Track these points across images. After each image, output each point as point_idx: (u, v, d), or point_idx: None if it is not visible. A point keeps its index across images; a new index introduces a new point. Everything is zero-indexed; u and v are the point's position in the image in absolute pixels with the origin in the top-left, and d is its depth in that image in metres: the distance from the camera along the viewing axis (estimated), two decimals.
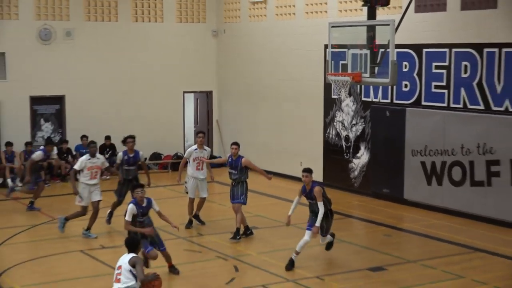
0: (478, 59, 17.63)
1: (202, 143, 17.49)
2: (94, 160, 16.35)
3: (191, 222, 17.37)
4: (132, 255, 10.22)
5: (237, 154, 16.36)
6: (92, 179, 16.28)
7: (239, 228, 16.20)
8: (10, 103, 23.44)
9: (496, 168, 17.11)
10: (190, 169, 17.36)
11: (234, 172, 16.35)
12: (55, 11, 23.99)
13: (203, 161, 17.31)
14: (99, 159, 16.61)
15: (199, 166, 17.32)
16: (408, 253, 15.20)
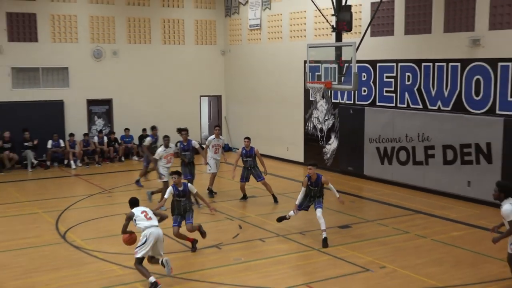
0: (417, 71, 17.58)
1: (218, 133, 17.47)
2: (168, 150, 16.24)
3: (211, 192, 17.19)
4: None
5: (249, 146, 16.34)
6: (168, 163, 16.12)
7: (274, 194, 16.51)
8: (72, 104, 23.34)
9: (432, 152, 17.08)
10: (210, 153, 17.28)
11: (249, 160, 16.31)
12: (105, 36, 23.87)
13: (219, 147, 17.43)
14: (171, 148, 16.46)
15: (217, 151, 17.31)
16: (367, 214, 15.16)
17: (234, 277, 10.69)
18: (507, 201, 9.46)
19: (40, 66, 22.75)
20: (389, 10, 18.37)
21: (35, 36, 22.60)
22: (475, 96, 16.13)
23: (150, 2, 24.60)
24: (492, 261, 11.50)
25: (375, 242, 12.72)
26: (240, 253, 12.02)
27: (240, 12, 25.13)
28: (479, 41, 15.86)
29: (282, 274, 10.85)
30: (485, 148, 15.65)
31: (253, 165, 16.42)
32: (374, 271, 10.94)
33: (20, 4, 22.20)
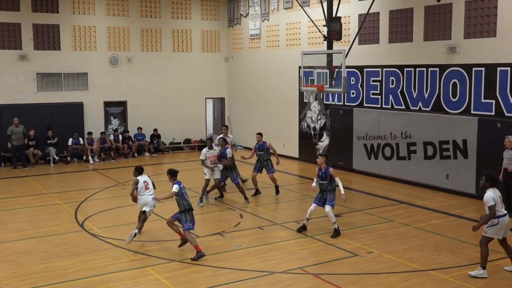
0: (400, 75, 17.46)
1: (226, 133, 16.85)
2: (211, 152, 15.34)
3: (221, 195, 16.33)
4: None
5: (262, 140, 15.86)
6: (211, 164, 15.27)
7: (277, 185, 16.03)
8: (91, 105, 23.20)
9: (414, 148, 16.94)
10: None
11: (262, 154, 15.77)
12: (120, 45, 23.74)
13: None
14: (215, 150, 15.47)
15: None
16: (355, 204, 15.01)
17: (235, 261, 10.56)
18: (490, 189, 9.54)
19: (62, 71, 22.62)
20: (374, 21, 18.24)
21: (58, 45, 22.48)
22: (452, 97, 16.00)
23: (161, 14, 24.47)
24: (468, 246, 11.38)
25: (363, 230, 12.58)
26: (241, 240, 11.88)
27: (242, 23, 24.98)
28: (456, 49, 15.76)
29: (279, 259, 10.71)
30: (462, 144, 15.52)
31: (266, 158, 15.84)
32: (362, 256, 10.81)
33: (45, 17, 22.08)
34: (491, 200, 9.42)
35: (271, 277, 9.81)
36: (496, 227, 9.53)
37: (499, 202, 9.52)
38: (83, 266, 10.37)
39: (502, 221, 9.53)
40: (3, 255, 11.03)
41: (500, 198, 9.59)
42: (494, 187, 9.59)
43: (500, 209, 9.51)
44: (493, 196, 9.45)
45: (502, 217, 9.53)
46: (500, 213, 9.49)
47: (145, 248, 11.38)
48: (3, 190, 17.16)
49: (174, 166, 15.86)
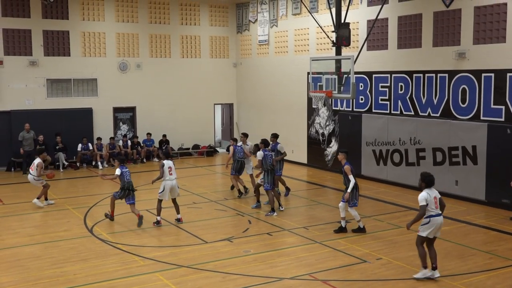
0: (409, 81, 17.41)
1: (245, 141, 17.01)
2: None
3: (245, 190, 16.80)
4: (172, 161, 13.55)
5: (275, 142, 16.05)
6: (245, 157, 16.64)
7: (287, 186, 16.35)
8: (100, 111, 23.31)
9: (423, 154, 16.87)
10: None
11: (273, 154, 15.54)
12: (130, 51, 23.84)
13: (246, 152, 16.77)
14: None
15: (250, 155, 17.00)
16: (364, 211, 14.91)
17: (243, 267, 10.54)
18: (426, 190, 9.85)
19: (72, 77, 22.73)
20: (383, 27, 18.22)
21: (68, 51, 22.60)
22: (461, 103, 15.93)
23: (170, 20, 24.56)
24: (478, 253, 11.31)
25: (372, 236, 12.53)
26: (249, 246, 11.85)
27: (250, 29, 25.02)
28: (465, 54, 15.70)
29: (287, 265, 10.68)
30: (471, 150, 15.44)
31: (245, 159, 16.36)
32: (371, 262, 10.76)
33: (55, 23, 22.22)
34: (423, 200, 9.70)
35: (279, 283, 9.79)
36: (428, 226, 9.75)
37: (433, 202, 9.74)
38: (92, 271, 10.38)
39: (434, 220, 9.72)
40: (12, 260, 11.07)
41: (435, 198, 9.80)
42: (430, 187, 9.85)
43: (433, 209, 9.73)
44: (426, 196, 9.72)
45: (435, 216, 9.74)
46: (433, 212, 9.72)
47: (154, 253, 11.38)
48: (12, 195, 17.24)
49: (183, 172, 15.99)
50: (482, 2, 15.21)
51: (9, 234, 12.93)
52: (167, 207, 14.35)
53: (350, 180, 12.47)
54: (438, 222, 9.77)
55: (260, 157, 14.66)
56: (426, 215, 9.74)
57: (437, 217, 9.75)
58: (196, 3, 25.06)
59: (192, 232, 12.89)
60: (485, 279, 9.88)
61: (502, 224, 13.48)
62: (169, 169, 13.26)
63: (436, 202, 9.82)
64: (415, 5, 17.16)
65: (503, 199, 14.69)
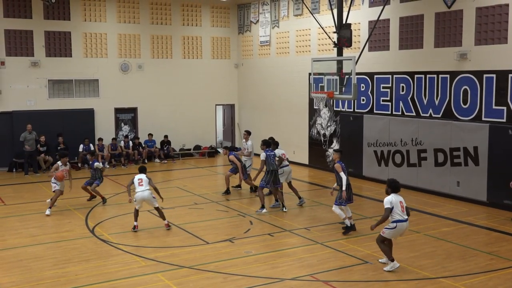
0: (411, 82, 17.42)
1: (248, 138, 17.38)
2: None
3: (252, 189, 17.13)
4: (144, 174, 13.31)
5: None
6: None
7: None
8: (102, 112, 23.36)
9: (424, 155, 16.88)
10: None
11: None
12: (131, 52, 23.90)
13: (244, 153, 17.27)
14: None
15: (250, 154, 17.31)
16: (365, 211, 14.98)
17: (245, 268, 10.55)
18: (392, 195, 10.27)
19: (73, 78, 22.78)
20: (385, 28, 18.23)
21: (69, 51, 22.65)
22: (463, 104, 15.94)
23: (172, 21, 24.60)
24: (480, 254, 11.31)
25: (373, 237, 12.45)
26: (250, 247, 11.87)
27: (252, 30, 25.05)
28: (466, 55, 15.71)
29: (288, 266, 10.70)
30: (473, 151, 15.44)
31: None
32: (372, 263, 10.78)
33: (56, 24, 22.28)
34: (387, 203, 10.14)
35: (280, 284, 9.80)
36: (393, 230, 10.20)
37: (399, 206, 10.13)
38: (93, 271, 10.41)
39: (400, 225, 10.16)
40: (14, 261, 11.10)
41: (401, 203, 10.18)
42: (396, 193, 10.28)
43: (400, 213, 10.11)
44: (391, 200, 10.14)
45: (401, 222, 10.15)
46: (399, 217, 10.12)
47: (155, 254, 11.40)
48: (14, 195, 17.27)
49: (184, 173, 15.98)
50: (484, 3, 15.22)
51: (11, 235, 12.96)
52: (167, 207, 14.38)
53: (342, 177, 12.67)
54: (404, 228, 10.25)
55: (263, 158, 14.69)
56: (394, 220, 10.14)
57: (403, 223, 10.18)
58: (197, 4, 25.09)
59: (193, 232, 12.91)
60: (486, 280, 9.89)
61: (504, 225, 13.48)
62: (139, 180, 13.12)
63: (402, 206, 10.17)
64: (416, 6, 17.17)
65: (504, 200, 14.70)
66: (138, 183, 13.08)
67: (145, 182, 13.08)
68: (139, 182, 13.07)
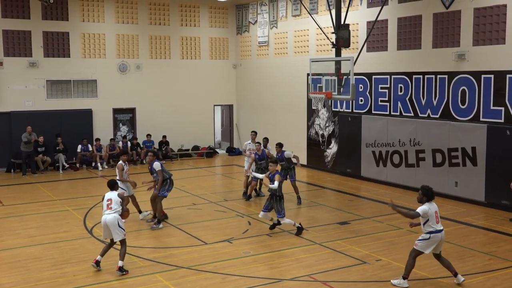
0: (409, 82, 17.44)
1: (254, 138, 16.75)
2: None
3: (246, 193, 16.47)
4: (117, 192, 10.90)
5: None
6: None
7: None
8: (100, 112, 23.33)
9: (422, 155, 16.90)
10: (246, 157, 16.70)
11: (283, 163, 15.51)
12: (129, 52, 23.88)
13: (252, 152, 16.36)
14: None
15: (251, 154, 16.39)
16: (364, 212, 14.98)
17: (243, 268, 10.56)
18: (427, 203, 9.53)
19: (72, 78, 22.76)
20: (383, 28, 18.25)
21: (67, 52, 22.64)
22: (461, 105, 15.96)
23: (170, 22, 24.60)
24: (477, 254, 11.34)
25: (371, 237, 12.55)
26: (249, 247, 11.88)
27: (250, 30, 25.06)
28: (464, 56, 15.73)
29: (287, 266, 10.71)
30: (471, 152, 15.46)
31: (289, 167, 15.71)
32: (370, 264, 10.79)
33: (55, 24, 22.26)
34: (422, 213, 9.39)
35: (279, 284, 9.81)
36: (427, 242, 9.47)
37: (434, 217, 9.42)
38: (92, 272, 10.40)
39: (434, 237, 9.44)
40: (12, 261, 11.09)
41: (436, 213, 9.48)
42: (430, 201, 9.54)
43: (434, 224, 9.42)
44: (427, 211, 9.42)
45: (435, 233, 9.44)
46: (432, 229, 9.42)
47: (153, 254, 11.41)
48: (13, 196, 17.25)
49: (182, 173, 15.95)
50: (482, 4, 15.24)
51: (9, 235, 12.95)
52: (166, 208, 14.36)
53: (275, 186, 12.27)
54: (438, 239, 9.51)
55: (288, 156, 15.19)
56: (427, 231, 9.46)
57: (437, 234, 9.47)
58: (196, 4, 25.10)
59: (191, 233, 12.92)
60: (484, 280, 9.91)
61: (502, 225, 13.50)
62: (109, 201, 10.66)
63: (437, 217, 9.50)
64: (414, 7, 17.19)
65: (502, 200, 14.72)
66: (106, 207, 10.64)
67: (116, 203, 10.61)
68: (108, 204, 10.62)
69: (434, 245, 9.51)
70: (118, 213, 10.49)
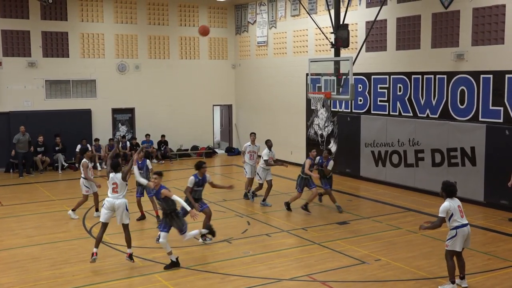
0: (408, 82, 17.44)
1: (254, 140, 16.42)
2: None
3: (246, 195, 16.31)
4: (119, 174, 10.81)
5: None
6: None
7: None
8: (99, 112, 23.32)
9: (421, 155, 16.90)
10: (246, 158, 16.20)
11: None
12: (128, 52, 23.87)
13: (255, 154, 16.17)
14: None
15: (251, 157, 16.17)
16: (363, 212, 14.98)
17: (243, 268, 10.55)
18: (448, 200, 9.35)
19: (71, 78, 22.75)
20: (382, 28, 18.25)
21: (66, 52, 22.62)
22: (460, 105, 15.96)
23: (169, 22, 24.59)
24: (477, 254, 11.32)
25: (370, 237, 12.54)
26: (248, 247, 11.86)
27: (249, 30, 25.05)
28: (463, 56, 15.73)
29: (286, 266, 10.70)
30: (470, 152, 15.46)
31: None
32: (369, 264, 10.78)
33: (54, 24, 22.24)
34: (443, 212, 9.22)
35: (278, 284, 9.80)
36: (455, 238, 9.26)
37: (458, 212, 9.23)
38: (90, 272, 10.39)
39: (461, 232, 9.24)
40: (10, 261, 11.07)
41: (459, 207, 9.30)
42: (453, 197, 9.36)
43: (459, 218, 9.23)
44: (448, 207, 9.22)
45: (461, 227, 9.24)
46: (458, 223, 9.22)
47: (152, 254, 11.39)
48: (11, 196, 17.23)
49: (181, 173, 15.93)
50: (481, 4, 15.24)
51: (8, 235, 12.93)
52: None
53: (176, 199, 10.48)
54: (465, 233, 9.27)
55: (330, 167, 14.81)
56: (453, 226, 9.22)
57: (463, 228, 9.24)
58: (195, 4, 25.08)
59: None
60: (483, 280, 9.90)
61: (501, 225, 13.50)
62: (114, 184, 10.76)
63: (461, 211, 9.27)
64: (413, 7, 17.19)
65: (501, 200, 14.72)
66: (112, 190, 10.73)
67: (122, 187, 10.73)
68: (114, 188, 10.72)
69: (462, 240, 9.26)
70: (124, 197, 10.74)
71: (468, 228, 9.35)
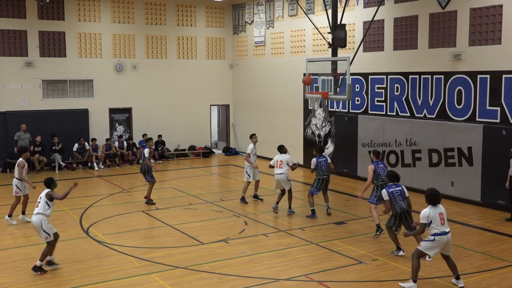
0: (405, 82, 17.46)
1: (255, 141, 16.20)
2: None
3: (244, 199, 15.91)
4: (48, 190, 10.98)
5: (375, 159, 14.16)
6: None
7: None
8: (96, 112, 23.30)
9: (418, 155, 16.93)
10: (253, 160, 15.90)
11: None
12: (126, 52, 23.85)
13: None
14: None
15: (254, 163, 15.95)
16: (360, 212, 14.98)
17: (240, 268, 10.54)
18: (430, 206, 9.38)
19: (68, 78, 22.72)
20: (379, 28, 18.27)
21: (63, 52, 22.59)
22: (457, 105, 15.99)
23: (167, 21, 24.57)
24: (473, 254, 11.35)
25: (368, 237, 12.55)
26: (245, 247, 11.86)
27: (247, 30, 25.05)
28: (460, 56, 15.76)
29: (283, 266, 10.69)
30: (467, 151, 15.49)
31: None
32: (367, 264, 10.79)
33: (51, 24, 22.21)
34: (424, 218, 9.26)
35: (275, 284, 9.80)
36: (431, 243, 9.25)
37: (438, 219, 9.21)
38: (87, 272, 10.38)
39: (439, 239, 9.20)
40: (8, 261, 11.06)
41: (441, 215, 9.27)
42: (436, 205, 9.36)
43: (439, 226, 9.20)
44: (428, 214, 9.25)
45: (439, 235, 9.20)
46: (437, 230, 9.19)
47: (150, 254, 11.38)
48: (9, 196, 17.16)
49: (178, 173, 15.88)
50: (478, 4, 15.27)
51: (5, 236, 12.92)
52: (162, 208, 14.33)
53: None
54: (444, 241, 9.23)
55: (313, 166, 14.42)
56: (431, 233, 9.23)
57: (442, 236, 9.20)
58: (192, 4, 25.08)
59: (188, 233, 12.89)
60: (480, 280, 9.92)
61: (498, 225, 13.52)
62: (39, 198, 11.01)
63: (442, 218, 9.25)
64: (411, 7, 17.22)
65: (498, 200, 14.74)
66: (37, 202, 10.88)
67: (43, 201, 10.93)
68: (37, 203, 10.93)
69: (439, 248, 9.29)
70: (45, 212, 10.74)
71: (448, 237, 9.28)
